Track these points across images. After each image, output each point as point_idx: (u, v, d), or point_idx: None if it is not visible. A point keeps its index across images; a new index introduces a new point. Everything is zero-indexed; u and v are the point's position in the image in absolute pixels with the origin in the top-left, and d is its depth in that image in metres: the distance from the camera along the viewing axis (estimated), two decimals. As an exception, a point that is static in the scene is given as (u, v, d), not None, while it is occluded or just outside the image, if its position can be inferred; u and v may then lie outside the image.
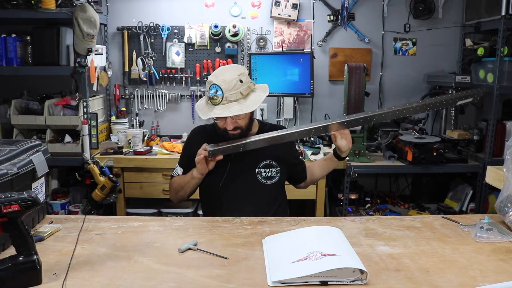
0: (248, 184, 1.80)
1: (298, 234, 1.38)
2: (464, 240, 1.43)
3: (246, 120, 1.74)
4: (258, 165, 1.81)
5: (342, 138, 1.73)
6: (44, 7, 2.74)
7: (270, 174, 1.82)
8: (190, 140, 1.94)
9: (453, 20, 3.39)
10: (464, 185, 3.15)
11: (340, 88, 3.30)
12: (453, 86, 3.05)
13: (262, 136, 1.68)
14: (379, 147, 3.11)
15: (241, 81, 1.67)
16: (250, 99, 1.69)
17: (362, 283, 1.12)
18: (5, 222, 1.07)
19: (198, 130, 1.96)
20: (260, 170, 1.81)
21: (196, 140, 1.87)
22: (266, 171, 1.82)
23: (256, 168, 1.81)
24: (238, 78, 1.66)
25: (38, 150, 1.55)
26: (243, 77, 1.68)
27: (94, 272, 1.18)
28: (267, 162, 1.82)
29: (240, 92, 1.65)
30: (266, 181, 1.82)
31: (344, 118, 1.67)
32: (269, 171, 1.82)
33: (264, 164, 1.82)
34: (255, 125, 1.89)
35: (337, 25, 3.38)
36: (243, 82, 1.68)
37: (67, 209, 3.01)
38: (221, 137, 1.81)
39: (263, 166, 1.82)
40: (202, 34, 3.33)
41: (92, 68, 2.91)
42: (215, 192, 1.82)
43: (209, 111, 1.67)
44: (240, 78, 1.67)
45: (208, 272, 1.19)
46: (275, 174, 1.83)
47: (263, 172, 1.82)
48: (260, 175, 1.81)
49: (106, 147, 2.97)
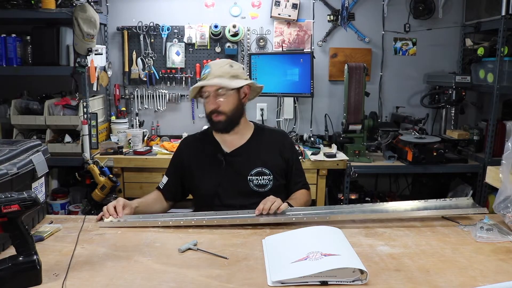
0: (240, 192, 1.76)
1: (298, 234, 1.38)
2: (464, 240, 1.42)
3: (229, 105, 1.71)
4: (250, 173, 1.77)
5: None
6: (44, 7, 2.74)
7: (263, 182, 1.77)
8: (179, 150, 1.91)
9: (453, 20, 3.38)
10: (464, 185, 3.15)
11: (340, 88, 3.30)
12: (453, 86, 3.05)
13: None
14: (379, 147, 3.11)
15: (231, 66, 1.72)
16: (234, 81, 1.70)
17: (362, 283, 1.12)
18: (5, 222, 1.07)
19: (188, 140, 1.95)
20: (252, 178, 1.77)
21: (185, 150, 1.88)
22: (258, 179, 1.77)
23: (248, 176, 1.77)
24: (229, 64, 1.73)
25: (38, 150, 1.55)
26: (234, 64, 1.74)
27: (94, 272, 1.18)
28: (259, 169, 1.77)
29: (227, 71, 1.69)
30: (259, 189, 1.76)
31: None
32: (261, 178, 1.77)
33: (256, 172, 1.77)
34: (249, 126, 1.86)
35: (337, 25, 3.38)
36: (233, 67, 1.72)
37: (67, 209, 3.01)
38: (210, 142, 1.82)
39: (255, 174, 1.77)
40: (202, 34, 3.33)
41: (92, 68, 2.91)
42: (208, 199, 1.79)
43: (195, 88, 1.71)
44: (231, 64, 1.73)
45: (208, 272, 1.19)
46: (267, 182, 1.77)
47: (255, 179, 1.77)
48: (252, 182, 1.77)
49: (106, 147, 2.97)
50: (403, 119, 3.25)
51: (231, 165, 1.78)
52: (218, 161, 1.78)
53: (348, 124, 2.99)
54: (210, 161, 1.80)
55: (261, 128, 1.90)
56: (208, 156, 1.81)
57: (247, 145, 1.81)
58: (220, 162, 1.78)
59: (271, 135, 1.89)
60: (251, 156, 1.79)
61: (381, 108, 3.48)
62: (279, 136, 1.92)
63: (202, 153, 1.83)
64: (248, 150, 1.81)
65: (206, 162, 1.81)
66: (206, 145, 1.83)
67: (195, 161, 1.83)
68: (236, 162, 1.78)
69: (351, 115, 2.99)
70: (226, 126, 1.74)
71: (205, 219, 1.53)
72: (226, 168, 1.77)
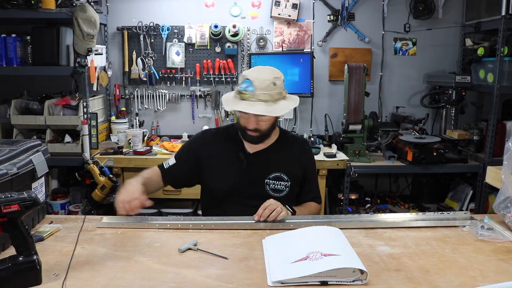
0: (255, 194, 1.73)
1: (298, 234, 1.38)
2: (464, 240, 1.43)
3: (268, 124, 1.70)
4: (269, 176, 1.77)
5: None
6: (44, 7, 2.74)
7: (279, 187, 1.77)
8: (198, 140, 1.88)
9: (453, 20, 3.38)
10: (464, 185, 3.15)
11: (340, 88, 3.29)
12: (453, 86, 3.05)
13: None
14: (379, 147, 3.11)
15: (274, 84, 1.64)
16: (278, 105, 1.65)
17: (362, 283, 1.12)
18: (5, 222, 1.07)
19: (210, 132, 1.91)
20: (269, 181, 1.76)
21: (206, 141, 1.84)
22: (275, 183, 1.77)
23: (266, 179, 1.76)
24: (273, 81, 1.64)
25: (38, 150, 1.55)
26: (277, 81, 1.66)
27: (94, 272, 1.18)
28: (278, 174, 1.77)
29: (271, 94, 1.62)
30: (274, 193, 1.75)
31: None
32: (278, 184, 1.77)
33: (274, 176, 1.77)
34: (276, 132, 1.85)
35: (337, 25, 3.38)
36: (276, 86, 1.65)
37: (67, 209, 3.01)
38: (233, 140, 1.79)
39: (273, 178, 1.77)
40: (202, 34, 3.33)
41: (92, 68, 2.91)
42: (220, 195, 1.78)
43: (235, 104, 1.64)
44: (274, 81, 1.64)
45: (208, 272, 1.19)
46: (284, 188, 1.77)
47: (272, 184, 1.76)
48: (268, 186, 1.76)
49: (106, 147, 2.97)
50: (403, 119, 3.25)
51: (251, 166, 1.77)
52: (240, 160, 1.77)
53: (348, 124, 2.99)
54: (230, 158, 1.78)
55: (285, 134, 1.90)
56: (230, 153, 1.79)
57: (270, 149, 1.81)
58: (241, 161, 1.77)
59: (294, 142, 1.88)
60: (272, 160, 1.79)
61: (381, 108, 3.48)
62: (301, 144, 1.92)
63: (224, 148, 1.81)
64: (270, 154, 1.80)
65: (226, 158, 1.79)
66: (229, 142, 1.81)
67: (214, 154, 1.80)
68: (256, 163, 1.77)
69: (351, 115, 2.99)
70: (259, 140, 1.74)
71: (202, 224, 1.52)
72: (246, 168, 1.76)
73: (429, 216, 1.60)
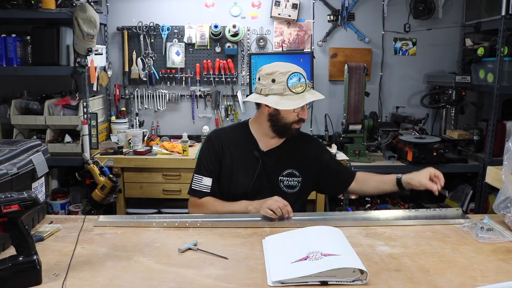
0: (270, 191, 1.72)
1: (298, 234, 1.38)
2: (464, 240, 1.42)
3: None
4: (282, 173, 1.78)
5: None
6: (44, 7, 2.75)
7: (292, 184, 1.78)
8: (214, 146, 1.78)
9: (453, 20, 3.38)
10: (464, 185, 3.15)
11: (340, 88, 3.29)
12: (453, 86, 3.05)
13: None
14: (379, 147, 3.11)
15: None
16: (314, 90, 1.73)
17: (362, 283, 1.12)
18: (5, 222, 1.07)
19: (220, 133, 1.84)
20: (283, 178, 1.78)
21: (223, 144, 1.79)
22: (288, 180, 1.78)
23: (280, 176, 1.78)
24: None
25: (38, 150, 1.55)
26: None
27: (94, 272, 1.18)
28: (290, 171, 1.79)
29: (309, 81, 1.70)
30: (288, 190, 1.78)
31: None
32: (291, 180, 1.78)
33: (287, 173, 1.78)
34: None
35: (337, 25, 3.38)
36: None
37: (67, 209, 3.01)
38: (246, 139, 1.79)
39: (286, 175, 1.78)
40: (202, 34, 3.33)
41: (92, 68, 2.91)
42: (239, 195, 1.74)
43: (298, 99, 1.64)
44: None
45: (208, 272, 1.19)
46: (296, 184, 1.79)
47: (285, 180, 1.78)
48: (282, 183, 1.78)
49: (106, 147, 2.97)
50: (403, 119, 3.25)
51: (266, 163, 1.77)
52: (255, 158, 1.77)
53: (348, 124, 2.99)
54: (246, 157, 1.78)
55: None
56: (244, 151, 1.79)
57: (282, 146, 1.81)
58: (256, 159, 1.77)
59: (300, 137, 1.87)
60: (284, 157, 1.79)
61: (381, 108, 3.48)
62: (307, 138, 1.93)
63: (239, 147, 1.79)
64: (283, 151, 1.81)
65: (242, 157, 1.78)
66: (242, 141, 1.81)
67: (234, 155, 1.78)
68: (270, 161, 1.78)
69: (351, 115, 2.99)
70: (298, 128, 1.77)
71: (199, 222, 1.53)
72: (262, 166, 1.76)
73: (421, 213, 1.64)
